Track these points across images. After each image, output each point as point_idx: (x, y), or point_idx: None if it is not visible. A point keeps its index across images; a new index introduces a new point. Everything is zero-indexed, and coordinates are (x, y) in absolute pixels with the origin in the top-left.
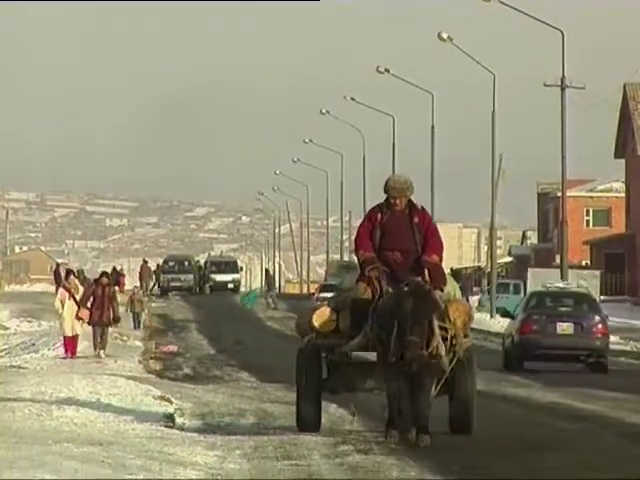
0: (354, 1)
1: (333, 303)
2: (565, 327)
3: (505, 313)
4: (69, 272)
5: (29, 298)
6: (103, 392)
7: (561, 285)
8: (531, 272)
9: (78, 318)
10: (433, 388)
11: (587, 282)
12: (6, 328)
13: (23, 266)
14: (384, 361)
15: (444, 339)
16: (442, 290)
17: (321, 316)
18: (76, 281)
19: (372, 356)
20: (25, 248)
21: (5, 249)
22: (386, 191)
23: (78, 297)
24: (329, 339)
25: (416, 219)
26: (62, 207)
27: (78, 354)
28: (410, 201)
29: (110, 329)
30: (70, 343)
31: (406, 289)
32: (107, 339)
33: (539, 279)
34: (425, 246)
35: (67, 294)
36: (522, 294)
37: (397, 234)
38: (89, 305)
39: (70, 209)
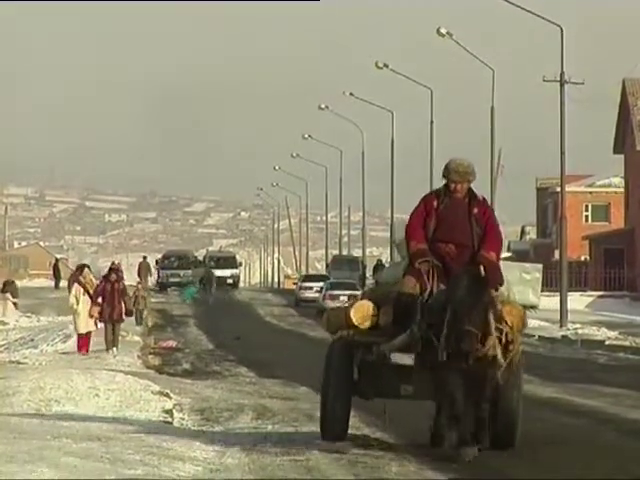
0: None
1: (373, 296)
2: None
3: None
4: (82, 266)
5: (28, 293)
6: (102, 387)
7: None
8: None
9: (91, 316)
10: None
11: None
12: (5, 323)
13: (22, 261)
14: (433, 360)
15: (498, 341)
16: (497, 290)
17: (360, 310)
18: (91, 276)
19: (411, 359)
20: (24, 243)
21: (4, 244)
22: (445, 175)
23: (92, 292)
24: (367, 336)
25: (475, 210)
26: (61, 202)
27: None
28: (470, 189)
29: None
30: (84, 340)
31: (461, 270)
32: (119, 336)
33: None
34: (483, 241)
35: (82, 289)
36: None
37: (453, 225)
38: (99, 301)
39: (69, 204)
